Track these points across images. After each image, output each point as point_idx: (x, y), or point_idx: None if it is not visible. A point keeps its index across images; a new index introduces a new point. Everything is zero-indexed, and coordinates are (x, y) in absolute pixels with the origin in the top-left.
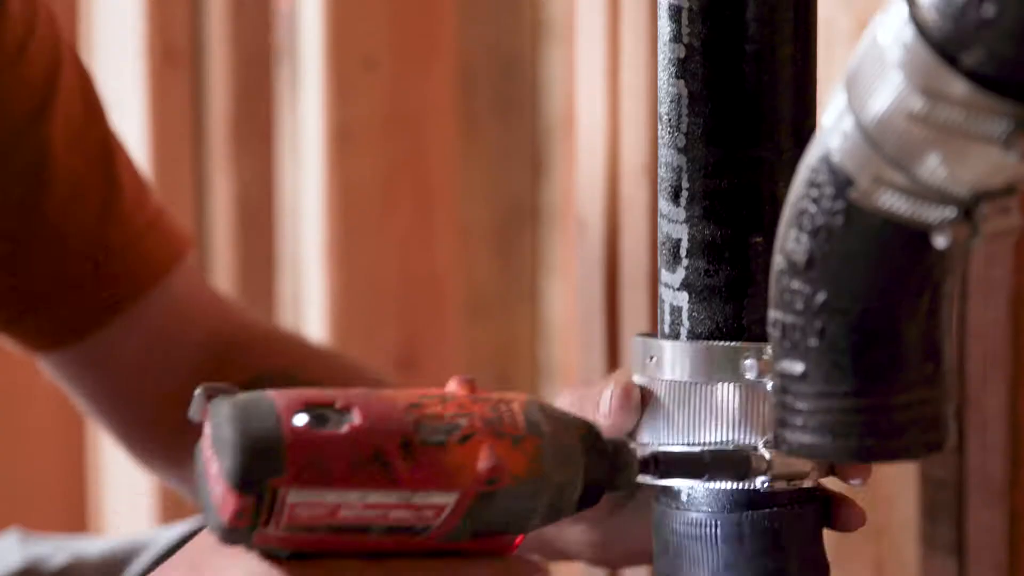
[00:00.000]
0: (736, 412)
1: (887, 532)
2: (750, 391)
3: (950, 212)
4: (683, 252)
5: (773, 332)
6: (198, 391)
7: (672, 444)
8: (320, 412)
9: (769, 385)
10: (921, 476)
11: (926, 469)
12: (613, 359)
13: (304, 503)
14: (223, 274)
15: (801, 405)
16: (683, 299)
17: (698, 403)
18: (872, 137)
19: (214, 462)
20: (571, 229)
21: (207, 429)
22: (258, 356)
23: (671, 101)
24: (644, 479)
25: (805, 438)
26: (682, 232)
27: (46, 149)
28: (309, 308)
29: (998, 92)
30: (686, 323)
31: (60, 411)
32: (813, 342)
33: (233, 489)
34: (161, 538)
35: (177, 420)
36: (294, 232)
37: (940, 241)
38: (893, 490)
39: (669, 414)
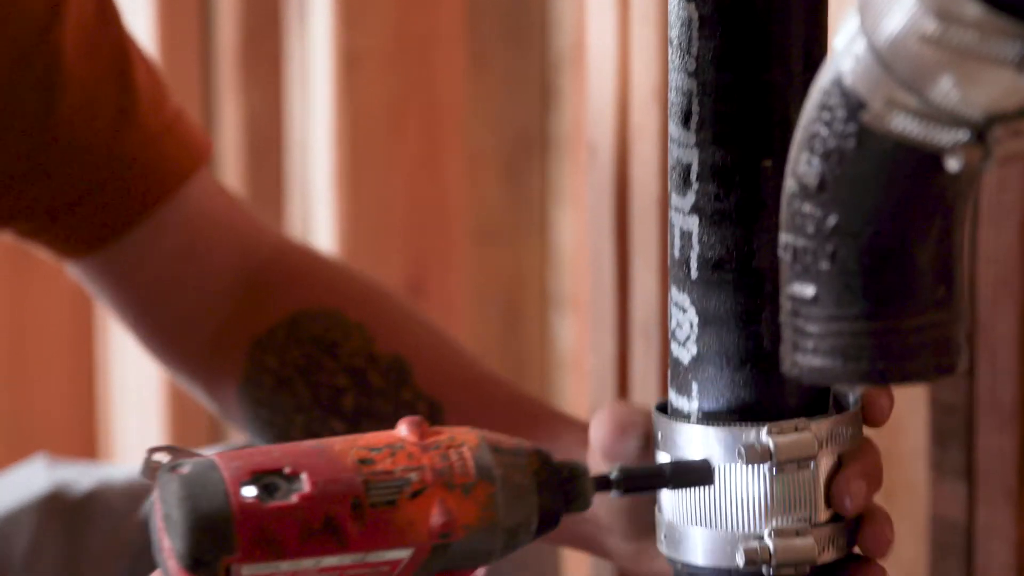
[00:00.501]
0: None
1: (896, 458)
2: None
3: (963, 135)
4: (693, 176)
5: (784, 256)
6: (145, 454)
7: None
8: (268, 481)
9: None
10: (930, 401)
11: (935, 394)
12: (623, 287)
13: (258, 574)
14: None
15: (812, 328)
16: (693, 223)
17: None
18: (885, 59)
19: (166, 539)
20: (581, 157)
21: (157, 503)
22: (303, 285)
23: (682, 25)
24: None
25: (816, 361)
26: (692, 156)
27: (58, 57)
28: (318, 235)
29: (1012, 14)
30: (696, 247)
31: (69, 335)
32: (824, 265)
33: (185, 569)
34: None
35: (208, 338)
36: (302, 159)
37: (952, 164)
38: (902, 415)
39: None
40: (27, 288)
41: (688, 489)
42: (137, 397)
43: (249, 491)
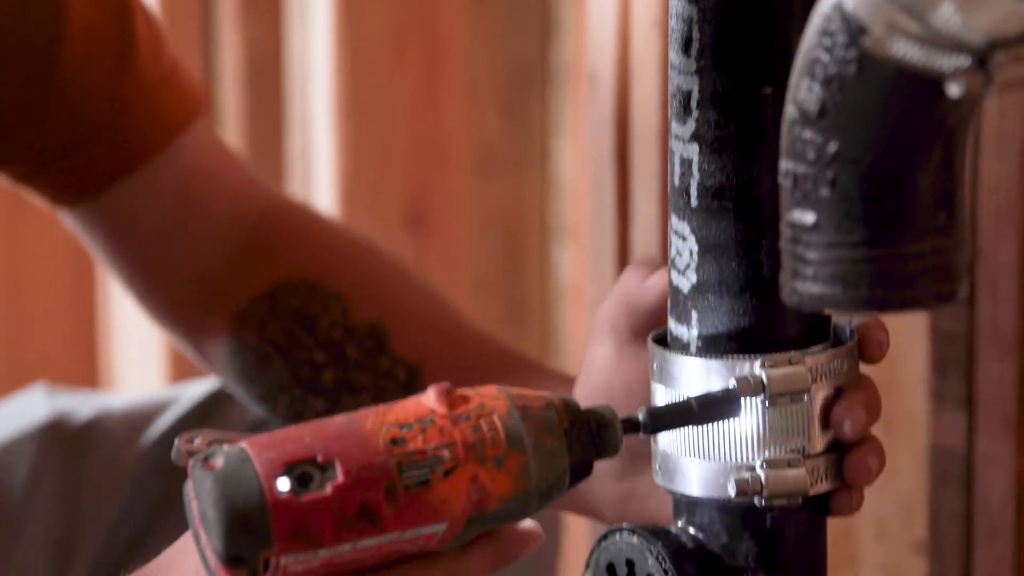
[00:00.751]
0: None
1: (896, 387)
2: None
3: (964, 60)
4: (693, 104)
5: (784, 182)
6: (177, 441)
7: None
8: (302, 472)
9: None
10: (931, 330)
11: (936, 323)
12: (624, 217)
13: (296, 562)
14: (232, 133)
15: (812, 255)
16: (693, 151)
17: None
18: None
19: (203, 532)
20: (582, 89)
21: (192, 497)
22: (286, 253)
23: None
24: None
25: (816, 288)
26: (692, 83)
27: (62, 2)
28: (318, 166)
29: None
30: (696, 175)
31: (67, 268)
32: (825, 192)
33: (223, 565)
34: (187, 394)
35: (201, 297)
36: (302, 90)
37: (953, 90)
38: (902, 344)
39: None
40: (25, 220)
41: None
42: (136, 329)
43: (283, 484)
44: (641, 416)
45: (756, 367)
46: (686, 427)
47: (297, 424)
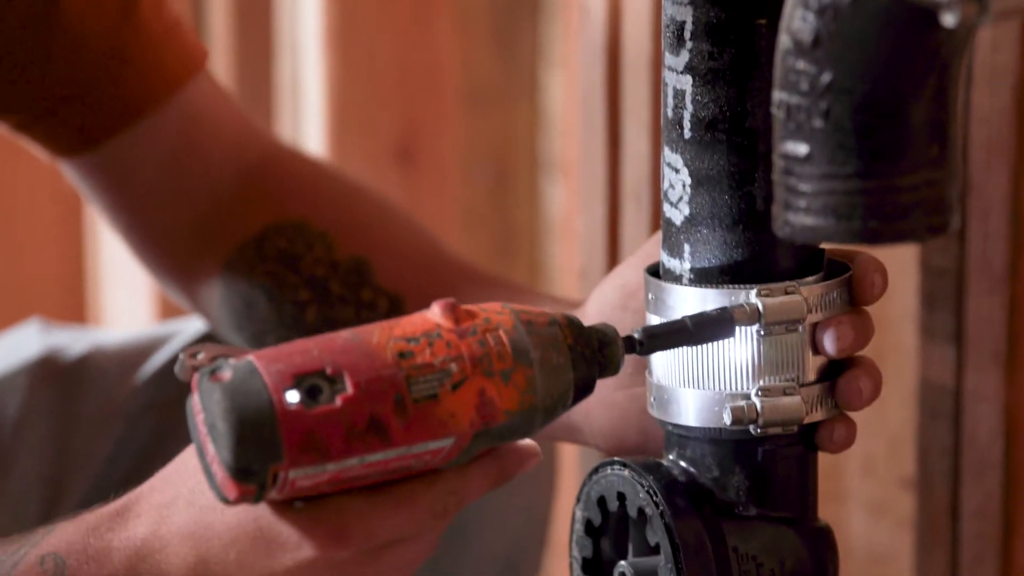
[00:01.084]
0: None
1: (886, 321)
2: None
3: None
4: (687, 34)
5: (777, 113)
6: (181, 355)
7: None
8: (311, 384)
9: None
10: (921, 264)
11: (926, 257)
12: (614, 149)
13: (304, 476)
14: (221, 61)
15: (805, 187)
16: (687, 82)
17: None
18: None
19: (210, 445)
20: (572, 18)
21: (199, 407)
22: (276, 196)
23: None
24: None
25: (808, 220)
26: (686, 14)
27: None
28: (307, 97)
29: None
30: (689, 107)
31: (59, 204)
32: (818, 123)
33: (233, 479)
34: (181, 331)
35: (195, 246)
36: (292, 18)
37: (948, 19)
38: (892, 279)
39: None
40: (16, 157)
41: (681, 350)
42: (126, 263)
43: (293, 396)
44: (637, 335)
45: (751, 296)
46: (681, 354)
47: (302, 338)
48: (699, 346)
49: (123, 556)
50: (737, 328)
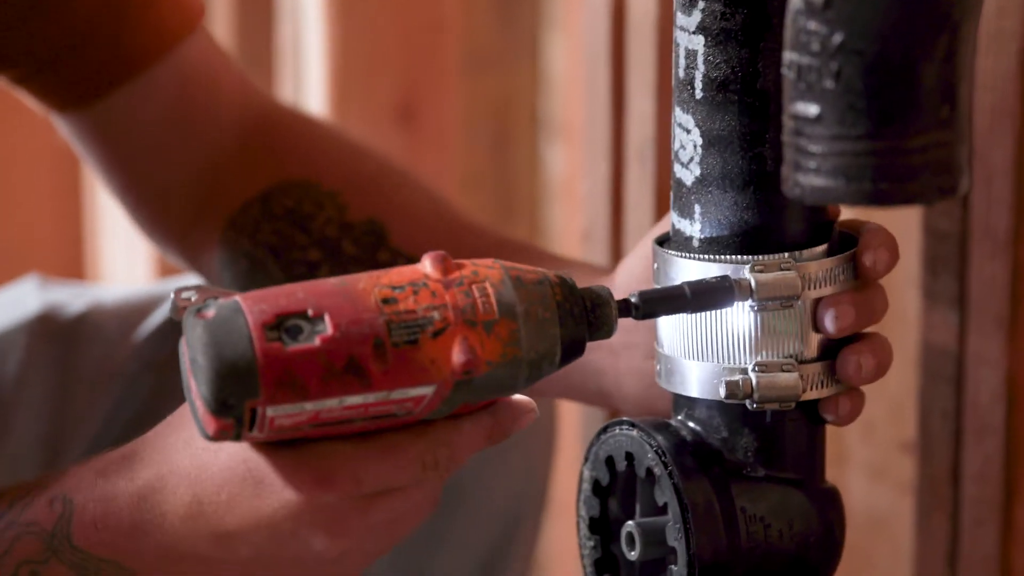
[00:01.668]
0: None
1: (888, 285)
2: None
3: None
4: None
5: (788, 74)
6: (172, 294)
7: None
8: (292, 323)
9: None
10: (924, 228)
11: (929, 221)
12: (618, 109)
13: (283, 415)
14: (222, 24)
15: (815, 148)
16: (698, 43)
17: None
18: None
19: (193, 381)
20: None
21: (184, 347)
22: (281, 156)
23: None
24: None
25: (818, 181)
26: None
27: None
28: (308, 58)
29: None
30: (701, 67)
31: (57, 161)
32: (829, 84)
33: (211, 413)
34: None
35: (194, 206)
36: None
37: None
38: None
39: None
40: (14, 112)
41: (684, 322)
42: (124, 220)
43: (272, 335)
44: (634, 299)
45: (744, 271)
46: (684, 325)
47: (289, 283)
48: (701, 318)
49: (127, 498)
50: (737, 301)
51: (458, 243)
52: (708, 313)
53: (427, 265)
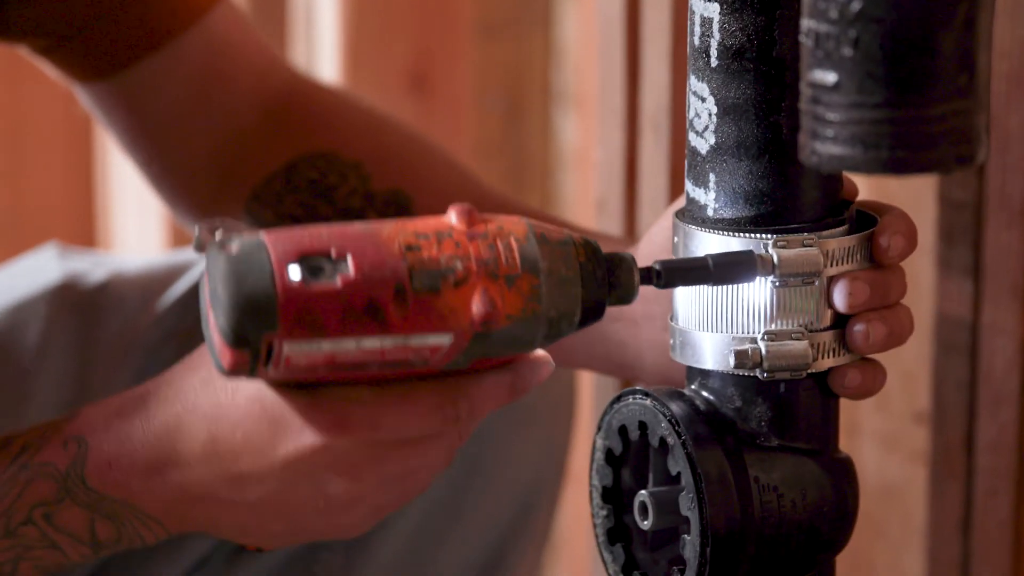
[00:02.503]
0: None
1: None
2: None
3: None
4: None
5: (806, 41)
6: (197, 228)
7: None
8: (314, 263)
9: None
10: (939, 197)
11: (944, 190)
12: (633, 77)
13: (299, 352)
14: None
15: (832, 116)
16: (714, 10)
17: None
18: None
19: (211, 313)
20: None
21: (205, 279)
22: (305, 127)
23: None
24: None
25: (836, 149)
26: None
27: None
28: (321, 26)
29: None
30: (716, 35)
31: (69, 130)
32: (847, 51)
33: (228, 344)
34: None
35: (217, 178)
36: None
37: None
38: (910, 213)
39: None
40: (26, 80)
41: (697, 294)
42: (137, 188)
43: (294, 272)
44: (657, 266)
45: (768, 247)
46: (698, 297)
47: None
48: (715, 290)
49: (142, 437)
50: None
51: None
52: (720, 286)
53: (452, 216)
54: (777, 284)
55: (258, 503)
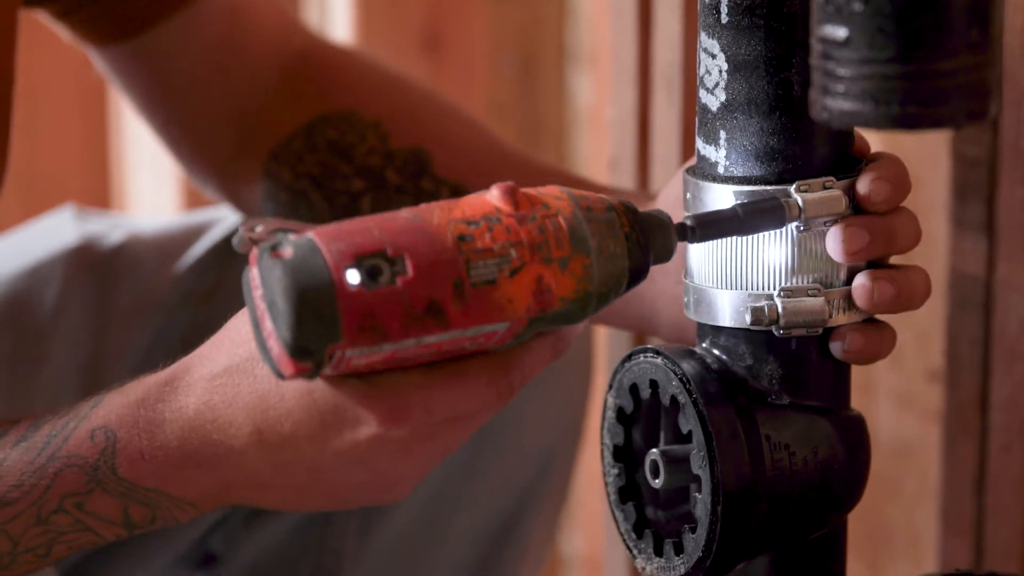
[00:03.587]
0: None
1: (917, 213)
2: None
3: None
4: None
5: None
6: (240, 228)
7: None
8: (372, 264)
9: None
10: (953, 154)
11: (958, 147)
12: (645, 35)
13: (360, 355)
14: None
15: (843, 71)
16: None
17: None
18: None
19: (268, 321)
20: None
21: (257, 282)
22: (323, 88)
23: None
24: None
25: (846, 105)
26: None
27: None
28: None
29: None
30: None
31: (83, 92)
32: (857, 6)
33: (290, 356)
34: (219, 222)
35: (236, 140)
36: None
37: None
38: (923, 170)
39: None
40: (40, 43)
41: (711, 250)
42: (151, 150)
43: (353, 277)
44: (689, 222)
45: (791, 190)
46: (714, 254)
47: (361, 216)
48: (729, 247)
49: (175, 427)
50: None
51: (500, 172)
52: (736, 242)
53: (496, 196)
54: (802, 229)
55: (304, 485)
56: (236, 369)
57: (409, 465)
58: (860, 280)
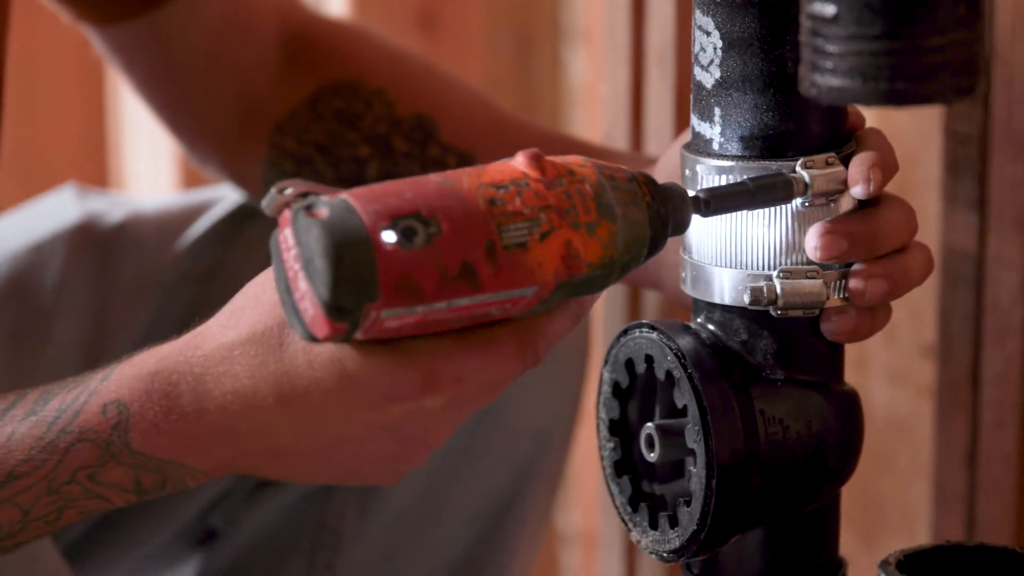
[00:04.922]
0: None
1: (909, 190)
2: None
3: None
4: None
5: None
6: (272, 189)
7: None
8: (407, 225)
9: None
10: (945, 131)
11: (950, 123)
12: (639, 12)
13: (394, 317)
14: None
15: (831, 48)
16: None
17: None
18: None
19: (303, 281)
20: None
21: (291, 243)
22: (326, 59)
23: None
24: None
25: (835, 81)
26: None
27: None
28: None
29: None
30: None
31: (81, 71)
32: None
33: (327, 316)
34: (221, 201)
35: (241, 117)
36: None
37: None
38: (916, 147)
39: None
40: (38, 22)
41: (711, 228)
42: (149, 129)
43: (389, 236)
44: (702, 195)
45: (797, 166)
46: (713, 231)
47: (391, 180)
48: (728, 224)
49: (191, 398)
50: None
51: (505, 137)
52: (735, 220)
53: (522, 163)
54: (807, 204)
55: (323, 453)
56: (259, 337)
57: (435, 434)
58: (853, 282)
